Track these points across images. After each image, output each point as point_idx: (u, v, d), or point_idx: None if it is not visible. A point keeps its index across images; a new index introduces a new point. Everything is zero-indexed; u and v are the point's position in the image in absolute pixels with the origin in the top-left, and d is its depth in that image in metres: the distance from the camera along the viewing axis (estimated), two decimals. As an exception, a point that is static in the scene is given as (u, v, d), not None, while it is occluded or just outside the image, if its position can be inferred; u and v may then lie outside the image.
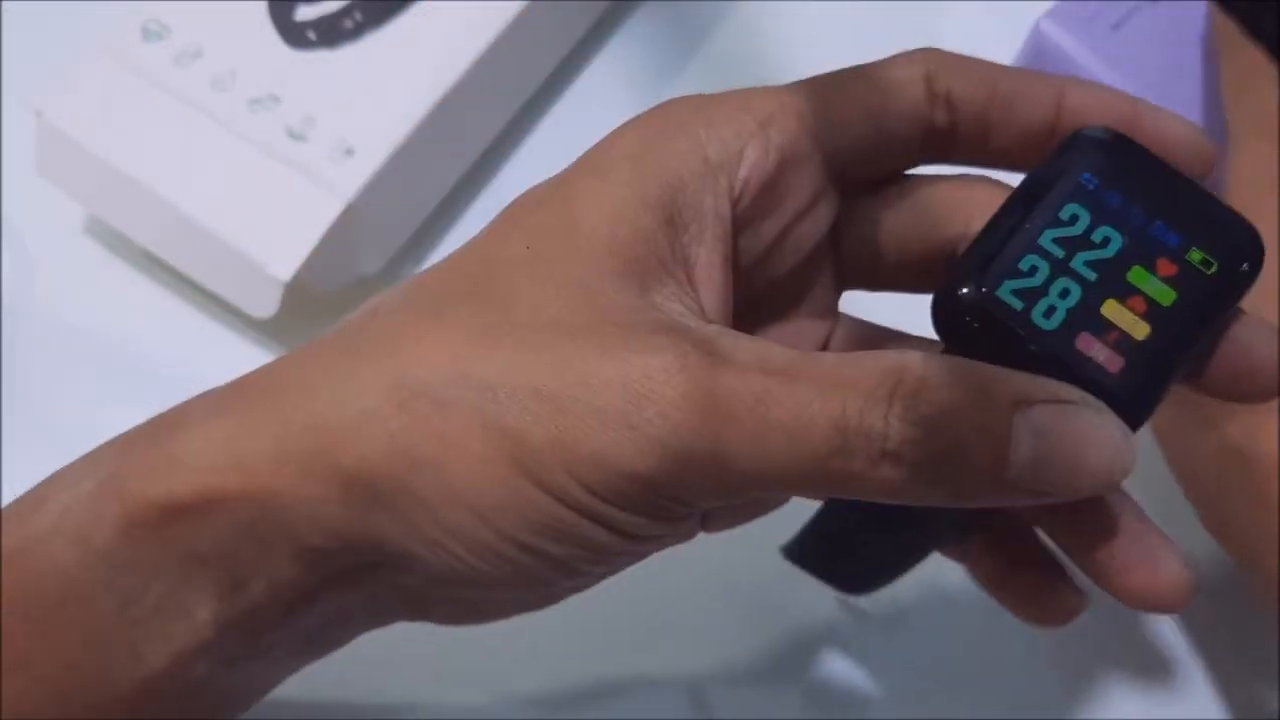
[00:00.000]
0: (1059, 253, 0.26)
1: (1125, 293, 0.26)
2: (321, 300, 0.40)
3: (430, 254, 0.43)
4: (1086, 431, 0.25)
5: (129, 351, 0.41)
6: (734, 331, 0.26)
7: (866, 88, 0.28)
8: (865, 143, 0.28)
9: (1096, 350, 0.25)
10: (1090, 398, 0.25)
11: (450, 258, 0.28)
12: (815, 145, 0.28)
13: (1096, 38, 0.43)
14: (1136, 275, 0.26)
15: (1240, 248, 0.26)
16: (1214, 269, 0.26)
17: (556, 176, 0.28)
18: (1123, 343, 0.25)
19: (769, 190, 0.28)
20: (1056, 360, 0.25)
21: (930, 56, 0.29)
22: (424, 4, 0.41)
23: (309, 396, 0.26)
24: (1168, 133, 0.28)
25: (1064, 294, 0.26)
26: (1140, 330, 0.25)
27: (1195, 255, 0.26)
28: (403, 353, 0.26)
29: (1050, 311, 0.25)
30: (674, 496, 0.25)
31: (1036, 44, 0.43)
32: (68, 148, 0.40)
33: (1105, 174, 0.26)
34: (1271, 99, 0.37)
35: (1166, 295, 0.26)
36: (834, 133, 0.28)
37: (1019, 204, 0.27)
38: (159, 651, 0.27)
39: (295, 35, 0.41)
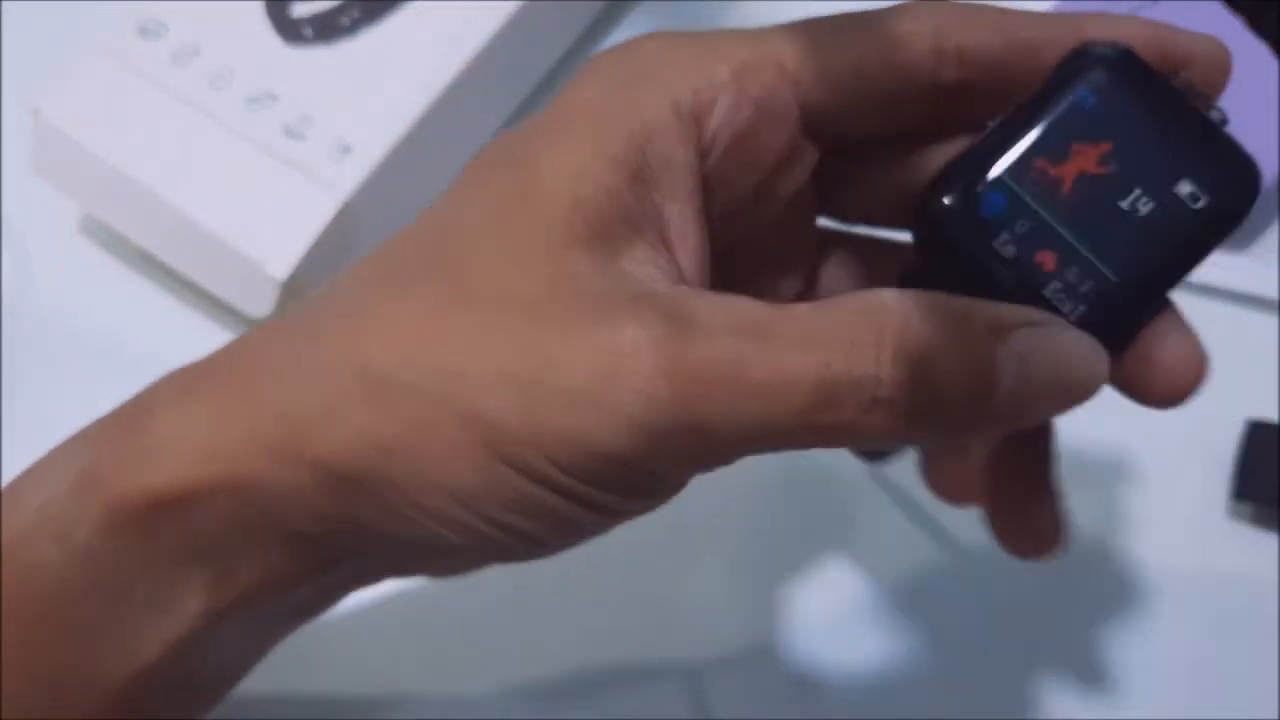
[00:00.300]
0: None
1: None
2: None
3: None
4: (1063, 350, 0.24)
5: (126, 350, 0.41)
6: (703, 292, 0.25)
7: (861, 40, 0.26)
8: (855, 99, 0.27)
9: (1055, 287, 0.25)
10: (1055, 317, 0.25)
11: (411, 226, 0.27)
12: (795, 99, 0.26)
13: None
14: None
15: (1234, 184, 0.25)
16: (1201, 203, 0.25)
17: (517, 132, 0.26)
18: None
19: (740, 144, 0.26)
20: (1023, 281, 0.25)
21: (937, 10, 0.27)
22: (421, 1, 0.41)
23: (276, 382, 0.25)
24: (1190, 49, 0.27)
25: None
26: None
27: (1183, 187, 0.25)
28: (366, 336, 0.25)
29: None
30: (652, 471, 0.25)
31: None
32: (65, 146, 0.40)
33: (1105, 94, 0.25)
34: None
35: None
36: (819, 87, 0.26)
37: (1015, 118, 0.26)
38: (151, 644, 0.26)
39: (292, 32, 0.40)
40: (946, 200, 0.25)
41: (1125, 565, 0.40)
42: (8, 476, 0.27)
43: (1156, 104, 0.25)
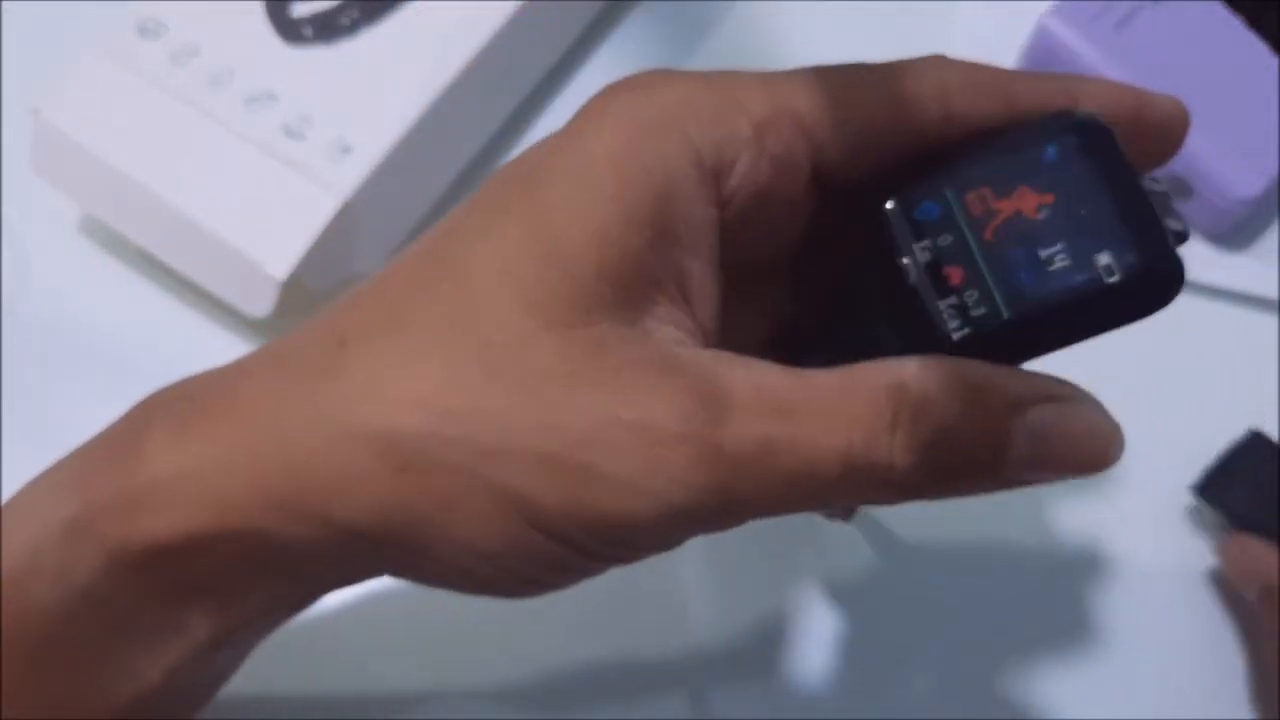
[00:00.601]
0: None
1: None
2: (318, 299, 0.40)
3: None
4: (1079, 428, 0.25)
5: (125, 351, 0.41)
6: (728, 358, 0.25)
7: (875, 100, 0.26)
8: (861, 155, 0.26)
9: (948, 302, 0.25)
10: (1081, 390, 0.25)
11: (417, 256, 0.26)
12: (809, 154, 0.26)
13: (1100, 35, 0.43)
14: None
15: (1154, 277, 0.25)
16: (1114, 279, 0.25)
17: (527, 165, 0.26)
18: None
19: (756, 200, 0.26)
20: (924, 286, 0.25)
21: (944, 70, 0.27)
22: (421, 1, 0.41)
23: (282, 435, 0.25)
24: (1163, 113, 0.27)
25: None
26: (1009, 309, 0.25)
27: (1103, 258, 0.25)
28: (386, 401, 0.24)
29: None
30: (682, 540, 0.25)
31: (1041, 40, 0.43)
32: (64, 146, 0.40)
33: (1068, 155, 0.25)
34: None
35: None
36: (833, 143, 0.26)
37: (981, 145, 0.26)
38: (154, 669, 0.27)
39: (292, 32, 0.40)
40: (889, 204, 0.26)
41: (1104, 558, 0.40)
42: (8, 475, 0.27)
43: (1113, 182, 0.25)
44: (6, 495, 0.28)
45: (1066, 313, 0.25)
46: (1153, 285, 0.25)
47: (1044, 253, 0.25)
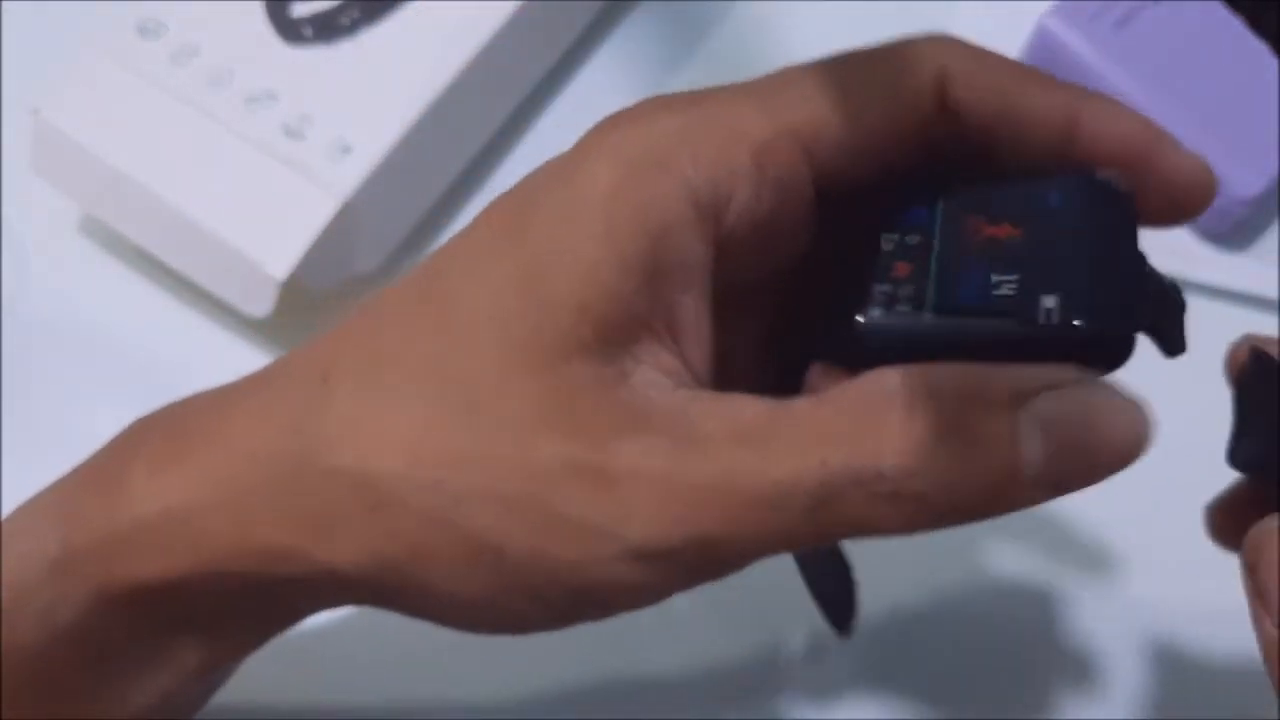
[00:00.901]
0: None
1: None
2: (318, 299, 0.40)
3: (427, 253, 0.43)
4: (1093, 412, 0.23)
5: (124, 351, 0.41)
6: (704, 396, 0.24)
7: (876, 99, 0.25)
8: (862, 163, 0.26)
9: (881, 288, 0.25)
10: (1092, 376, 0.23)
11: (407, 290, 0.26)
12: (810, 170, 0.25)
13: (1100, 35, 0.43)
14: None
15: (1103, 336, 0.23)
16: (1050, 321, 0.23)
17: (521, 199, 0.25)
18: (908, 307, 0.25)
19: (757, 229, 0.25)
20: (871, 268, 0.25)
21: (948, 55, 0.26)
22: (421, 1, 0.41)
23: (264, 473, 0.25)
24: (1181, 170, 0.25)
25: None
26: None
27: (1048, 300, 0.24)
28: (363, 442, 0.24)
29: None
30: (655, 592, 0.24)
31: (1041, 40, 0.43)
32: (64, 146, 0.40)
33: (1068, 203, 0.25)
34: None
35: None
36: (834, 154, 0.25)
37: (999, 180, 0.26)
38: (145, 695, 0.27)
39: (292, 32, 0.40)
40: (882, 203, 0.26)
41: (1105, 560, 0.40)
42: (8, 475, 0.27)
43: (1106, 241, 0.24)
44: (6, 495, 0.28)
45: (986, 337, 0.24)
46: (1102, 346, 0.23)
47: (996, 277, 0.24)
